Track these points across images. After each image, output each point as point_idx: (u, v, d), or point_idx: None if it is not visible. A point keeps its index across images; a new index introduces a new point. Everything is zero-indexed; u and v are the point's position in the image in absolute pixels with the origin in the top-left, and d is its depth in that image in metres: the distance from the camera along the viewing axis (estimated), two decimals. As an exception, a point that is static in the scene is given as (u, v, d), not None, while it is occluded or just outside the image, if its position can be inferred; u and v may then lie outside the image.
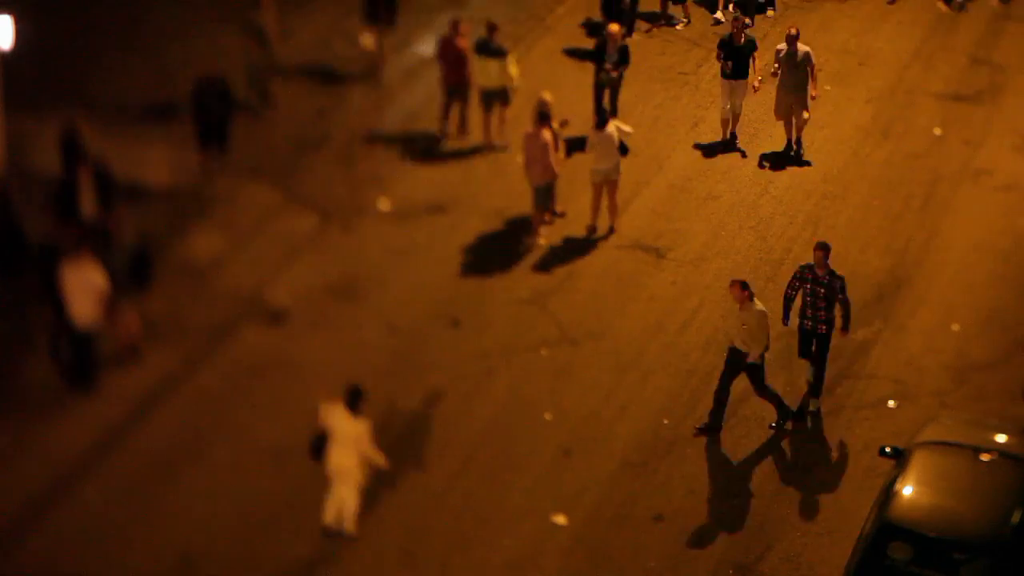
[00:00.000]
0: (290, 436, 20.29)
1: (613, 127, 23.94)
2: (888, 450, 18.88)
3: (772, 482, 19.83)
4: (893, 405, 21.12)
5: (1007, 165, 26.41)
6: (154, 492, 19.56)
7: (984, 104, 28.15)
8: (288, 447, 20.10)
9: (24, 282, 21.79)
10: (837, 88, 28.47)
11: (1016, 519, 17.37)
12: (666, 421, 20.79)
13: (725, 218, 24.92)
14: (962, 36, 30.35)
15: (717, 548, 18.93)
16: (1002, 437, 18.74)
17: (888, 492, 17.86)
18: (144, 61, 28.15)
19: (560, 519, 19.32)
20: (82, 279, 20.44)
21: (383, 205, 25.12)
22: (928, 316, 22.86)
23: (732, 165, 26.28)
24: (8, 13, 22.85)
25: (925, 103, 28.18)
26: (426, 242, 24.32)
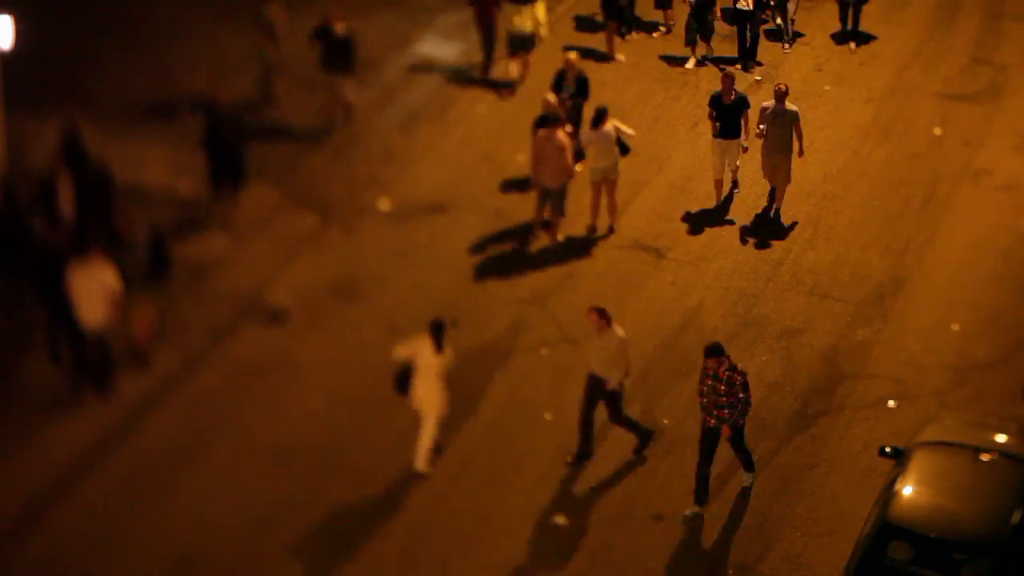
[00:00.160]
0: (290, 436, 20.32)
1: (611, 125, 23.91)
2: (888, 450, 18.86)
3: (772, 482, 19.81)
4: (893, 405, 21.11)
5: (1007, 165, 26.39)
6: (154, 492, 19.57)
7: (984, 104, 28.13)
8: (288, 447, 20.13)
9: (25, 281, 21.78)
10: (837, 88, 28.48)
11: (1016, 519, 17.36)
12: (666, 421, 20.78)
13: (725, 218, 24.93)
14: (962, 36, 30.34)
15: (717, 548, 18.92)
16: (1002, 437, 18.73)
17: (888, 492, 17.85)
18: (144, 61, 28.16)
19: (560, 519, 19.32)
20: (92, 281, 20.34)
21: (383, 205, 25.12)
22: (928, 316, 22.85)
23: (732, 165, 26.28)
24: (8, 13, 22.85)
25: (925, 103, 28.17)
26: (426, 242, 24.32)
